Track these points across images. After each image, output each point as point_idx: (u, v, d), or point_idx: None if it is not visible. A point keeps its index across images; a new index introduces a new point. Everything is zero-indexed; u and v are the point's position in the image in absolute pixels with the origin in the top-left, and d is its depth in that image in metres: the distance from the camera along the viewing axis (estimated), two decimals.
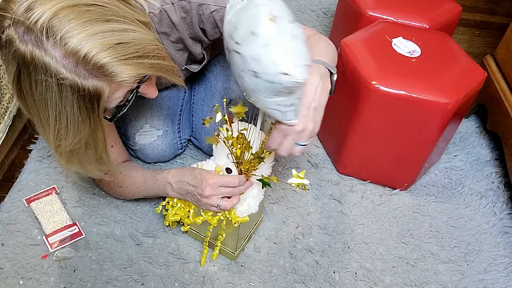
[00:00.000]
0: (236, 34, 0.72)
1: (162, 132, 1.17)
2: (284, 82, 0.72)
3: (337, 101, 1.22)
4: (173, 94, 1.21)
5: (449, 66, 1.11)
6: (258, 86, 0.75)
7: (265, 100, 0.77)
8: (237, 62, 0.74)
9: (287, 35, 0.72)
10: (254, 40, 0.70)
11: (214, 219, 0.95)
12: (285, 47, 0.71)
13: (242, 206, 0.96)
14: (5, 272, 1.01)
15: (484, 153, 1.37)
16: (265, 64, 0.71)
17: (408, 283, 1.06)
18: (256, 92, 0.76)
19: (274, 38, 0.70)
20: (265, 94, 0.76)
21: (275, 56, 0.70)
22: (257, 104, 0.80)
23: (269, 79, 0.72)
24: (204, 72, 1.25)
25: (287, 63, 0.71)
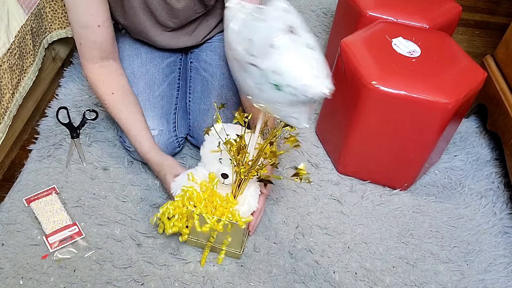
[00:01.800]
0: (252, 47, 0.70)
1: (158, 132, 1.17)
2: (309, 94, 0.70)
3: (337, 101, 1.22)
4: (165, 93, 1.21)
5: (449, 66, 1.11)
6: (279, 99, 0.73)
7: (283, 110, 0.76)
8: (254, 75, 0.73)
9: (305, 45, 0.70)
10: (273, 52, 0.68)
11: (219, 225, 0.94)
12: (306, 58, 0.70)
13: (243, 207, 0.96)
14: (5, 272, 1.01)
15: (484, 153, 1.37)
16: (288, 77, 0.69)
17: (408, 283, 1.06)
18: (275, 103, 0.75)
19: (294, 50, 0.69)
20: (285, 105, 0.75)
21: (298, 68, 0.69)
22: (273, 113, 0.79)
23: (292, 91, 0.71)
24: (200, 72, 1.25)
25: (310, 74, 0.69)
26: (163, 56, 1.26)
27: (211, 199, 0.97)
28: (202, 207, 0.94)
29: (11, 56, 1.14)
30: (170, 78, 1.24)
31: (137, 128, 1.11)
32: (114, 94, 1.11)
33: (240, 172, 0.92)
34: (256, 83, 0.74)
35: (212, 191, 0.97)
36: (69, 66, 1.49)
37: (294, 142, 0.93)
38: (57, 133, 1.29)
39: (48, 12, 1.32)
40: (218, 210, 0.96)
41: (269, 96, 0.74)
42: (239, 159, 0.91)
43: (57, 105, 1.35)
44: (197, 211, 0.94)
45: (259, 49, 0.70)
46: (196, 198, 0.95)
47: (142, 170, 1.22)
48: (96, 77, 1.11)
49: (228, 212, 0.95)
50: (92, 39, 1.06)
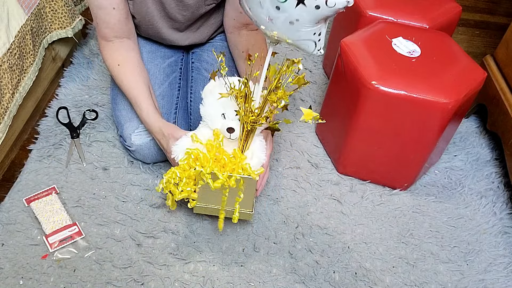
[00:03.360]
0: None
1: None
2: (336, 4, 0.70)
3: (337, 101, 1.22)
4: (166, 93, 1.22)
5: (449, 66, 1.11)
6: (301, 16, 0.72)
7: (304, 30, 0.74)
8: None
9: None
10: None
11: (231, 180, 0.90)
12: None
13: (252, 160, 0.94)
14: (5, 272, 1.01)
15: (484, 153, 1.37)
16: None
17: (408, 283, 1.06)
18: (296, 22, 0.74)
19: None
20: (307, 23, 0.73)
21: None
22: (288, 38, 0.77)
23: (318, 3, 0.70)
24: (202, 72, 1.25)
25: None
26: (164, 56, 1.26)
27: (218, 157, 0.93)
28: (210, 166, 0.91)
29: (11, 56, 1.14)
30: (171, 78, 1.24)
31: (138, 94, 1.11)
32: (120, 65, 1.13)
33: (248, 121, 0.89)
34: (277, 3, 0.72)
35: (219, 149, 0.94)
36: (69, 66, 1.49)
37: (302, 80, 0.89)
38: (57, 133, 1.29)
39: (48, 12, 1.32)
40: (227, 167, 0.92)
41: (290, 15, 0.73)
42: (245, 107, 0.88)
43: (57, 105, 1.35)
44: (207, 170, 0.90)
45: None
46: (203, 158, 0.92)
47: (142, 170, 1.22)
48: (106, 52, 1.14)
49: (238, 167, 0.92)
50: (106, 20, 1.09)
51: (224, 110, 0.92)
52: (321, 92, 1.51)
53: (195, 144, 0.95)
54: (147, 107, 1.09)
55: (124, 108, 1.19)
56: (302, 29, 0.75)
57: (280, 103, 0.89)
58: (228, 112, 0.92)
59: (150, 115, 1.08)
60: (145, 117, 1.09)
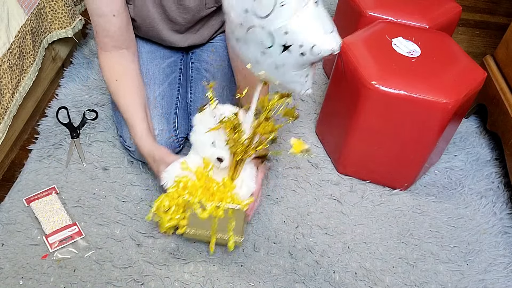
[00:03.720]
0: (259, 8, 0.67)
1: (158, 132, 1.17)
2: (321, 52, 0.68)
3: (337, 101, 1.22)
4: (166, 93, 1.22)
5: (449, 66, 1.11)
6: (286, 60, 0.71)
7: (290, 74, 0.74)
8: (260, 39, 0.70)
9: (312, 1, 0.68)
10: (284, 12, 0.66)
11: (219, 210, 0.90)
12: (315, 15, 0.68)
13: (242, 189, 0.93)
14: (5, 272, 1.01)
15: (484, 153, 1.37)
16: (299, 36, 0.67)
17: (408, 283, 1.06)
18: (281, 67, 0.73)
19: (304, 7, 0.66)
20: (292, 68, 0.72)
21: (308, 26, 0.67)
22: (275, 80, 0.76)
23: (302, 51, 0.69)
24: (202, 72, 1.25)
25: (320, 31, 0.68)
26: (164, 56, 1.26)
27: (207, 185, 0.92)
28: (199, 194, 0.90)
29: (11, 56, 1.14)
30: (171, 78, 1.24)
31: (132, 116, 1.09)
32: (117, 81, 1.11)
33: (237, 152, 0.88)
34: (262, 48, 0.71)
35: (208, 177, 0.93)
36: (69, 66, 1.49)
37: (293, 113, 0.88)
38: (57, 133, 1.29)
39: (48, 12, 1.32)
40: (216, 196, 0.92)
41: (276, 60, 0.72)
42: (235, 138, 0.87)
43: (57, 105, 1.35)
44: (195, 199, 0.90)
45: (267, 9, 0.67)
46: (192, 187, 0.91)
47: (142, 170, 1.22)
48: (105, 64, 1.12)
49: (226, 197, 0.91)
50: (106, 28, 1.07)
51: (214, 138, 0.91)
52: (321, 92, 1.50)
53: (184, 171, 0.94)
54: (141, 130, 1.07)
55: None
56: (288, 73, 0.73)
57: (268, 136, 0.87)
58: (218, 141, 0.91)
59: (143, 138, 1.06)
60: (138, 140, 1.07)
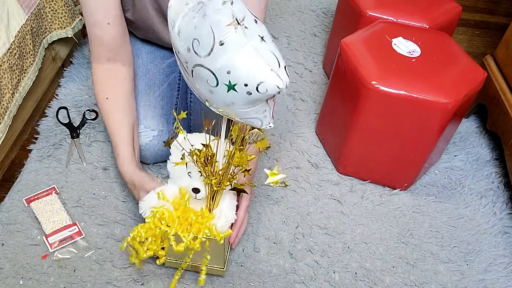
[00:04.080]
0: (199, 47, 0.64)
1: (157, 132, 1.17)
2: (267, 90, 0.65)
3: (337, 101, 1.22)
4: (166, 93, 1.21)
5: (449, 66, 1.11)
6: (235, 99, 0.68)
7: (243, 111, 0.70)
8: (205, 77, 0.67)
9: (256, 37, 0.64)
10: (224, 50, 0.63)
11: (196, 242, 0.87)
12: (259, 51, 0.64)
13: (220, 220, 0.90)
14: (5, 272, 1.01)
15: (484, 153, 1.37)
16: (242, 75, 0.64)
17: (408, 283, 1.06)
18: (232, 105, 0.69)
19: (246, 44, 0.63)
20: (242, 105, 0.69)
21: (252, 64, 0.63)
22: (234, 116, 0.73)
23: (248, 90, 0.65)
24: None
25: (266, 68, 0.64)
26: (164, 57, 1.26)
27: (185, 216, 0.90)
28: (176, 226, 0.88)
29: (11, 56, 1.14)
30: (171, 79, 1.24)
31: (118, 139, 1.06)
32: (108, 99, 1.08)
33: (211, 183, 0.85)
34: (208, 86, 0.68)
35: (185, 208, 0.91)
36: (69, 66, 1.49)
37: (265, 144, 0.84)
38: (57, 133, 1.29)
39: (48, 12, 1.32)
40: (194, 227, 0.89)
41: (224, 98, 0.68)
42: (208, 169, 0.83)
43: (57, 105, 1.35)
44: (172, 231, 0.87)
45: (207, 48, 0.64)
46: (168, 217, 0.89)
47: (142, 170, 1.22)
48: (97, 78, 1.09)
49: (204, 227, 0.88)
50: (100, 36, 1.05)
51: (190, 169, 0.87)
52: (321, 92, 1.50)
53: (161, 201, 0.91)
54: (124, 154, 1.04)
55: None
56: (242, 110, 0.70)
57: (242, 167, 0.84)
58: (194, 172, 0.88)
59: (125, 164, 1.03)
60: (120, 165, 1.03)
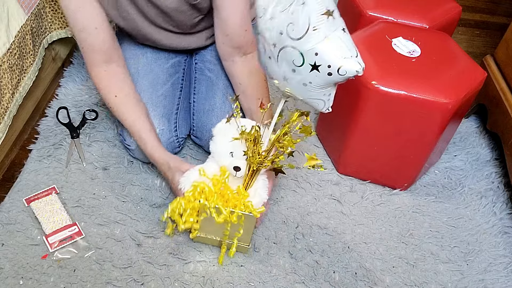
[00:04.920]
0: (294, 30, 0.75)
1: (158, 131, 1.17)
2: (346, 73, 0.76)
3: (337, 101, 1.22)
4: (168, 93, 1.21)
5: (449, 66, 1.11)
6: (315, 80, 0.78)
7: (315, 91, 0.81)
8: (292, 58, 0.77)
9: (341, 27, 0.76)
10: (316, 35, 0.73)
11: (234, 216, 0.95)
12: (344, 40, 0.75)
13: (255, 198, 0.98)
14: (5, 272, 1.01)
15: (484, 153, 1.37)
16: (328, 58, 0.75)
17: (408, 283, 1.06)
18: (309, 85, 0.80)
19: (334, 32, 0.74)
20: (319, 86, 0.80)
21: (337, 49, 0.74)
22: (300, 96, 0.83)
23: (330, 71, 0.76)
24: (205, 72, 1.25)
25: (347, 55, 0.75)
26: (168, 57, 1.26)
27: (222, 192, 0.98)
28: (214, 200, 0.95)
29: (11, 56, 1.14)
30: (174, 78, 1.24)
31: (140, 129, 1.10)
32: (117, 97, 1.11)
33: (254, 163, 0.93)
34: (293, 65, 0.78)
35: (224, 185, 0.99)
36: (69, 66, 1.49)
37: (309, 131, 0.95)
38: (57, 133, 1.29)
39: (48, 12, 1.32)
40: (230, 203, 0.97)
41: (305, 77, 0.79)
42: (254, 149, 0.92)
43: (57, 105, 1.35)
44: (212, 204, 0.95)
45: (302, 32, 0.74)
46: (208, 192, 0.97)
47: (142, 170, 1.22)
48: (100, 81, 1.12)
49: (240, 204, 0.96)
50: (90, 42, 1.07)
51: (233, 149, 0.97)
52: None
53: (202, 177, 0.99)
54: (152, 141, 1.09)
55: None
56: (314, 90, 0.81)
57: (287, 149, 0.94)
58: (236, 152, 0.97)
59: (155, 149, 1.08)
60: (150, 151, 1.08)
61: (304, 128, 0.94)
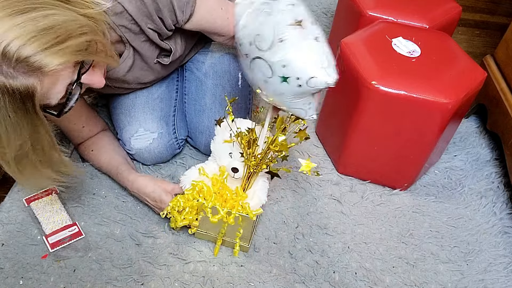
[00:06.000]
0: (261, 42, 0.73)
1: (157, 135, 1.17)
2: (316, 85, 0.73)
3: (337, 101, 1.22)
4: (165, 95, 1.21)
5: (449, 66, 1.11)
6: (286, 91, 0.76)
7: (291, 102, 0.79)
8: (262, 69, 0.75)
9: (312, 37, 0.73)
10: (283, 46, 0.71)
11: (230, 217, 0.96)
12: (313, 50, 0.72)
13: (253, 200, 0.98)
14: (5, 272, 1.01)
15: (484, 153, 1.37)
16: (296, 70, 0.72)
17: (408, 283, 1.06)
18: (282, 96, 0.78)
19: (302, 43, 0.71)
20: (292, 97, 0.77)
21: (305, 60, 0.72)
22: (281, 105, 0.82)
23: (299, 83, 0.73)
24: (194, 71, 1.24)
25: (317, 66, 0.72)
26: None
27: (221, 192, 0.99)
28: (213, 200, 0.96)
29: None
30: (168, 79, 1.24)
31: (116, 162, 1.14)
32: (93, 151, 1.16)
33: (250, 165, 0.94)
34: (264, 77, 0.76)
35: (222, 185, 0.99)
36: None
37: (304, 135, 0.94)
38: (57, 133, 1.28)
39: None
40: (228, 203, 0.98)
41: (276, 88, 0.77)
42: (249, 152, 0.92)
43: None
44: (209, 204, 0.95)
45: (268, 43, 0.72)
46: (207, 192, 0.97)
47: (142, 170, 1.22)
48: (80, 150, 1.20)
49: (238, 205, 0.97)
50: (79, 135, 1.16)
51: (232, 149, 0.97)
52: None
53: (201, 176, 1.00)
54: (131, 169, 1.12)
55: (122, 112, 1.19)
56: (290, 101, 0.79)
57: (281, 153, 0.93)
58: (235, 153, 0.97)
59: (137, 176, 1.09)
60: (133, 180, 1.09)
61: (300, 133, 0.94)
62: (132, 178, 1.09)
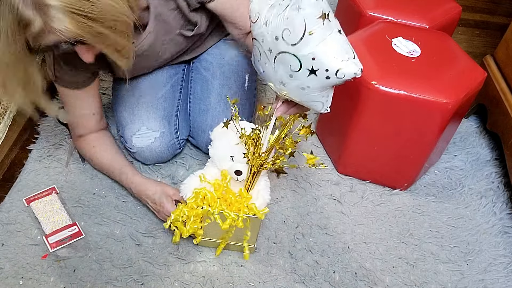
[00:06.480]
0: (290, 36, 0.74)
1: (159, 134, 1.17)
2: (345, 76, 0.75)
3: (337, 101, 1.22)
4: (168, 94, 1.21)
5: (449, 66, 1.11)
6: (313, 84, 0.78)
7: (313, 94, 0.80)
8: (288, 63, 0.76)
9: (336, 29, 0.75)
10: (312, 39, 0.72)
11: (239, 221, 0.94)
12: (339, 42, 0.74)
13: (258, 200, 0.98)
14: (5, 272, 1.01)
15: (484, 153, 1.37)
16: (325, 62, 0.74)
17: (408, 283, 1.06)
18: (306, 89, 0.79)
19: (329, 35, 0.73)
20: (317, 89, 0.79)
21: (334, 52, 0.73)
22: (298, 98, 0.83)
23: (328, 75, 0.75)
24: (201, 71, 1.24)
25: (345, 57, 0.74)
26: None
27: (225, 196, 0.98)
28: (218, 205, 0.95)
29: None
30: (174, 80, 1.24)
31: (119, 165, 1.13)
32: (95, 147, 1.16)
33: (254, 165, 0.93)
34: (290, 71, 0.77)
35: (226, 189, 0.98)
36: None
37: (309, 131, 0.95)
38: (57, 133, 1.29)
39: None
40: (233, 206, 0.96)
41: (302, 82, 0.78)
42: (253, 152, 0.92)
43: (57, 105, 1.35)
44: (215, 210, 0.94)
45: (298, 37, 0.73)
46: (211, 198, 0.96)
47: (142, 170, 1.22)
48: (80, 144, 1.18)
49: (243, 207, 0.96)
50: (84, 124, 1.14)
51: (233, 153, 0.97)
52: None
53: (202, 183, 0.99)
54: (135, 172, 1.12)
55: (125, 110, 1.19)
56: (312, 94, 0.80)
57: (287, 150, 0.94)
58: (237, 155, 0.96)
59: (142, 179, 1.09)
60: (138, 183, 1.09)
61: (305, 129, 0.95)
62: (136, 180, 1.09)
